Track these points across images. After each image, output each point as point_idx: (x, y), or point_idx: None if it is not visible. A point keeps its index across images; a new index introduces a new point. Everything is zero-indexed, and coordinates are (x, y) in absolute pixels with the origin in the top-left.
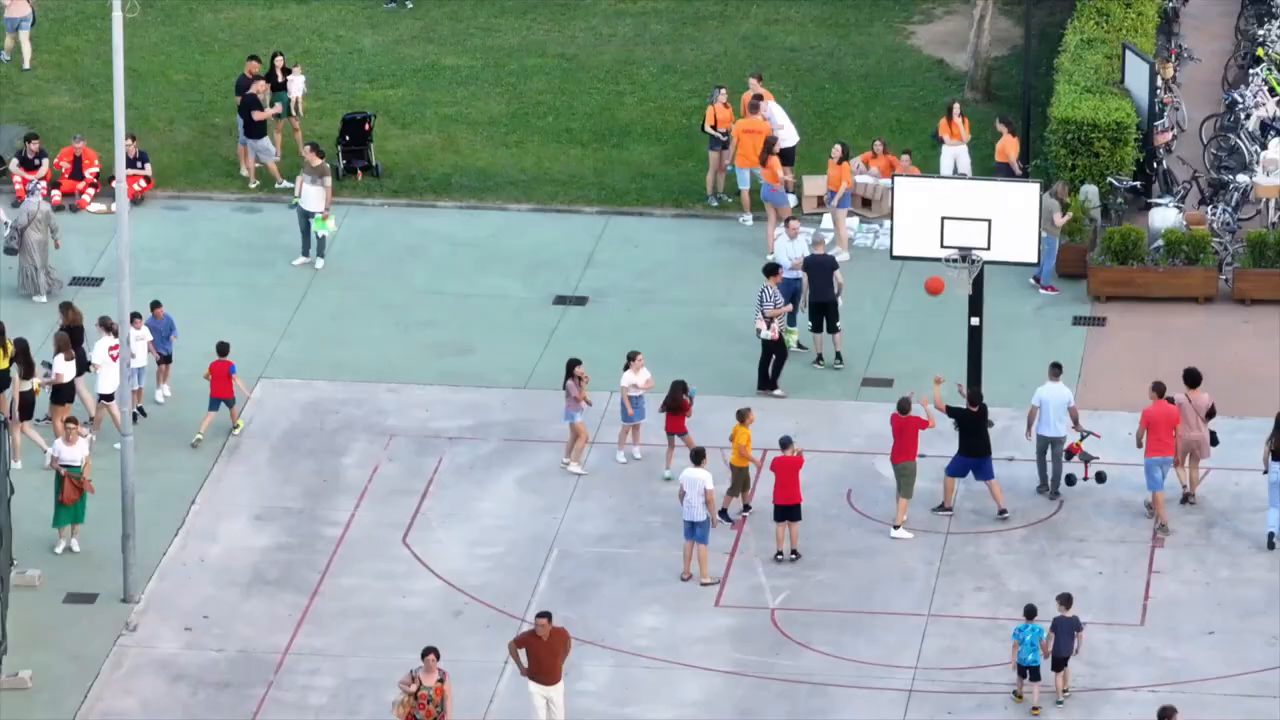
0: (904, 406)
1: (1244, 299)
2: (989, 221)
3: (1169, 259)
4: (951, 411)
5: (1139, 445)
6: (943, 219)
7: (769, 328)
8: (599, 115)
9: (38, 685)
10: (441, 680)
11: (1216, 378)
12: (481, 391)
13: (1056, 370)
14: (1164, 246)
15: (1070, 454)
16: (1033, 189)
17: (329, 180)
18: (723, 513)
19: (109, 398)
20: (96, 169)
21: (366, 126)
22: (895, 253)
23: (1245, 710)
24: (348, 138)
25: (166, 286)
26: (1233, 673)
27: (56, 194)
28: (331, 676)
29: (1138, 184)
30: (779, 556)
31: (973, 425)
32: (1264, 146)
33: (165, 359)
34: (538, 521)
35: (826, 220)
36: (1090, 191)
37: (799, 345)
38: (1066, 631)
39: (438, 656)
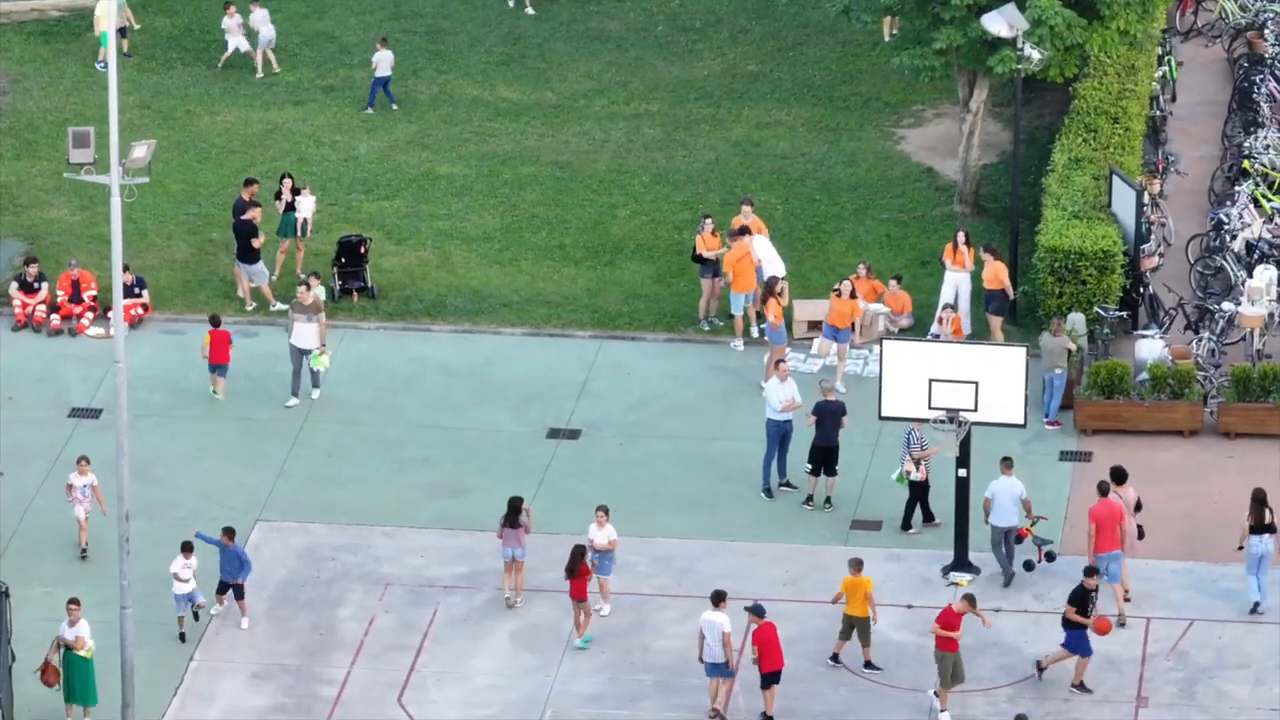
0: (972, 601)
1: (1228, 433)
2: (976, 384)
3: (1154, 393)
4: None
5: (1089, 543)
6: (930, 381)
7: (918, 469)
8: (592, 230)
9: None
10: None
11: (1199, 521)
12: (475, 536)
13: (1008, 464)
14: (1149, 380)
15: (1020, 538)
16: (1019, 352)
17: (323, 316)
18: (834, 657)
19: None
20: (94, 292)
21: (362, 250)
22: (884, 414)
23: None
24: (343, 260)
25: (163, 420)
26: None
27: (56, 318)
28: None
29: (1124, 314)
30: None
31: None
32: (1250, 270)
33: (238, 591)
34: (530, 681)
35: (814, 345)
36: (1077, 320)
37: (789, 485)
38: None
39: None
